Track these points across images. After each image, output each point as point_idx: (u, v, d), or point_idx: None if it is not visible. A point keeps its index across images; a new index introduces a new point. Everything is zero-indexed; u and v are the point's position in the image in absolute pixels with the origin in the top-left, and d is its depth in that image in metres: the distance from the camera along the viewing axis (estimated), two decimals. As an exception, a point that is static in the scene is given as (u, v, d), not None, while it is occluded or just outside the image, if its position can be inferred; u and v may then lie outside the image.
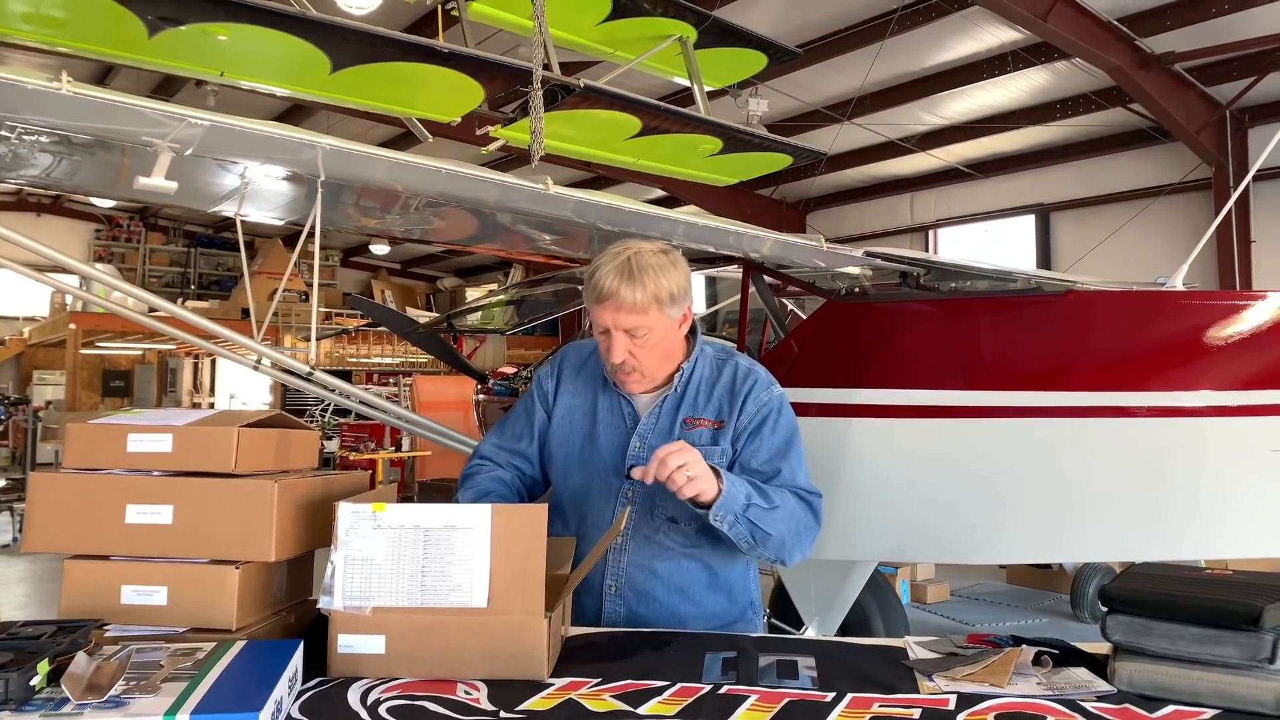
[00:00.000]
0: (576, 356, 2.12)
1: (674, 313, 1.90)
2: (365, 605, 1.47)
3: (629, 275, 1.83)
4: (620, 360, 1.88)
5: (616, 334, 1.86)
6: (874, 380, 3.02)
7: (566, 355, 2.13)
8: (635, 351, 1.88)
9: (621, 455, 1.96)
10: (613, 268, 1.84)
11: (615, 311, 1.84)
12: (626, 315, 1.84)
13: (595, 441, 1.99)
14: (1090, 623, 6.48)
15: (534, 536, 1.49)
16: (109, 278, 3.27)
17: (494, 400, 5.46)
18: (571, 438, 2.02)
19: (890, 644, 1.71)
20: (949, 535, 3.01)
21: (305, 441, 1.73)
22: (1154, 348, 2.87)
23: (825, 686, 1.45)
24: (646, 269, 1.84)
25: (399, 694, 1.40)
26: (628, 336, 1.87)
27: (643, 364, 1.90)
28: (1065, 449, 2.88)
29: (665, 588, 1.92)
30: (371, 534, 1.49)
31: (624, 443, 1.96)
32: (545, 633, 1.47)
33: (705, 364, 2.02)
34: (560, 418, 2.04)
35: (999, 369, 2.95)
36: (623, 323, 1.85)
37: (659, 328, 1.88)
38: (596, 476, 1.97)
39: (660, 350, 1.92)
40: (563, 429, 2.03)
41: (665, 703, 1.37)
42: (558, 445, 2.03)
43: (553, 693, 1.41)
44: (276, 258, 18.81)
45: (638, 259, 1.85)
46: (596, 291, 1.86)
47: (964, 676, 1.47)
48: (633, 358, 1.89)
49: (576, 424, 2.02)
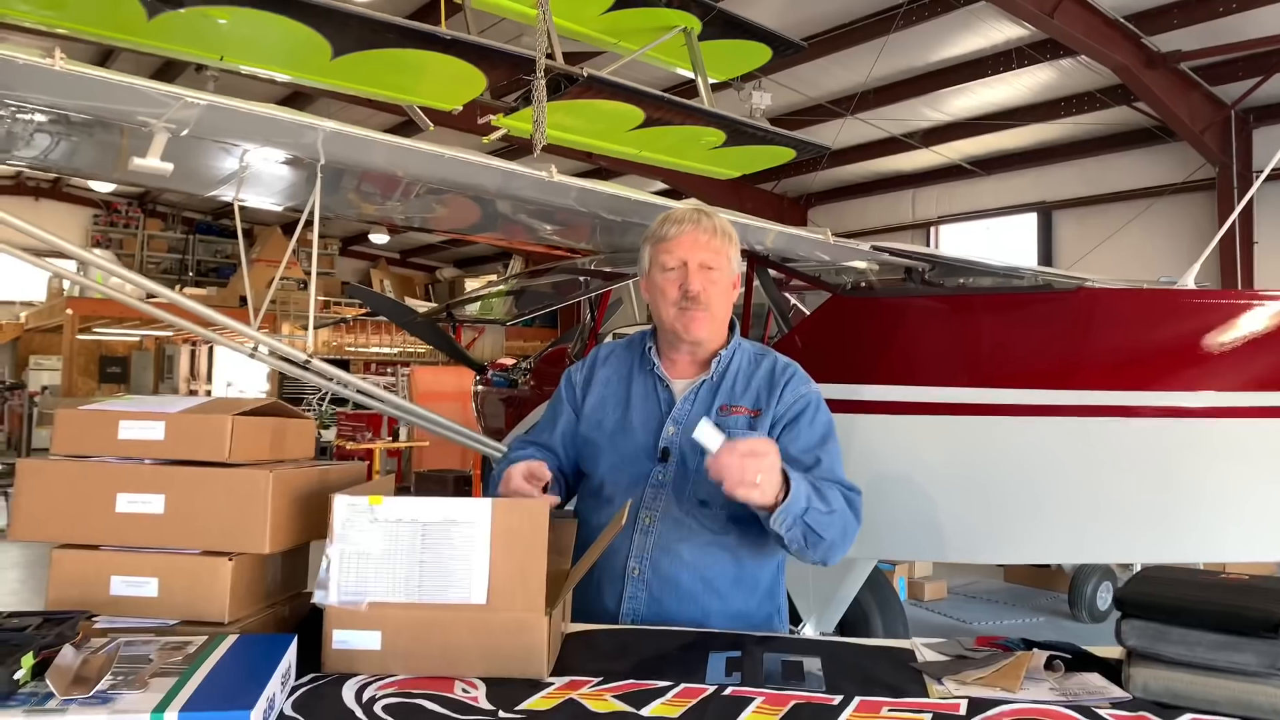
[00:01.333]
0: (609, 349, 2.14)
1: (736, 267, 1.97)
2: (361, 600, 1.43)
3: (705, 216, 1.92)
4: (699, 289, 1.89)
5: (693, 265, 1.89)
6: (879, 376, 2.99)
7: (600, 349, 2.15)
8: (708, 287, 1.91)
9: (655, 439, 1.94)
10: (684, 213, 1.93)
11: (692, 246, 1.90)
12: (704, 249, 1.90)
13: (628, 425, 1.98)
14: (1088, 622, 6.47)
15: (535, 532, 1.45)
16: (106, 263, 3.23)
17: (492, 391, 5.42)
18: (604, 422, 2.01)
19: (897, 645, 1.67)
20: (954, 534, 2.97)
21: (301, 431, 1.69)
22: (1165, 347, 2.83)
23: (832, 689, 1.42)
24: (718, 220, 1.94)
25: (395, 691, 1.36)
26: (702, 271, 1.90)
27: (713, 302, 1.92)
28: (1073, 448, 2.84)
29: (690, 574, 1.88)
30: (368, 527, 1.45)
31: (658, 427, 1.95)
32: (546, 631, 1.43)
33: (743, 355, 2.02)
34: (593, 404, 2.04)
35: (1007, 366, 2.91)
36: (699, 255, 1.90)
37: (725, 276, 1.94)
38: (627, 460, 1.95)
39: (725, 300, 1.96)
40: (595, 414, 2.03)
41: (669, 704, 1.34)
42: (590, 429, 2.02)
43: (553, 692, 1.38)
44: (275, 246, 18.74)
45: (708, 209, 1.95)
46: (670, 231, 1.92)
47: (974, 681, 1.44)
48: (706, 292, 1.90)
49: (610, 408, 2.02)
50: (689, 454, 1.90)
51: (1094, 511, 2.88)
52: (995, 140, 11.16)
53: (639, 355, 2.05)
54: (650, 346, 2.04)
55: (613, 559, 1.89)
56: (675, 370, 2.01)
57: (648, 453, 1.94)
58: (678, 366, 2.01)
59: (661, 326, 2.00)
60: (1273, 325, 2.74)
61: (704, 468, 1.85)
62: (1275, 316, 2.75)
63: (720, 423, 1.89)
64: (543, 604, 1.44)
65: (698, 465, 1.87)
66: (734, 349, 2.01)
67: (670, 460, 1.91)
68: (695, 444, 1.85)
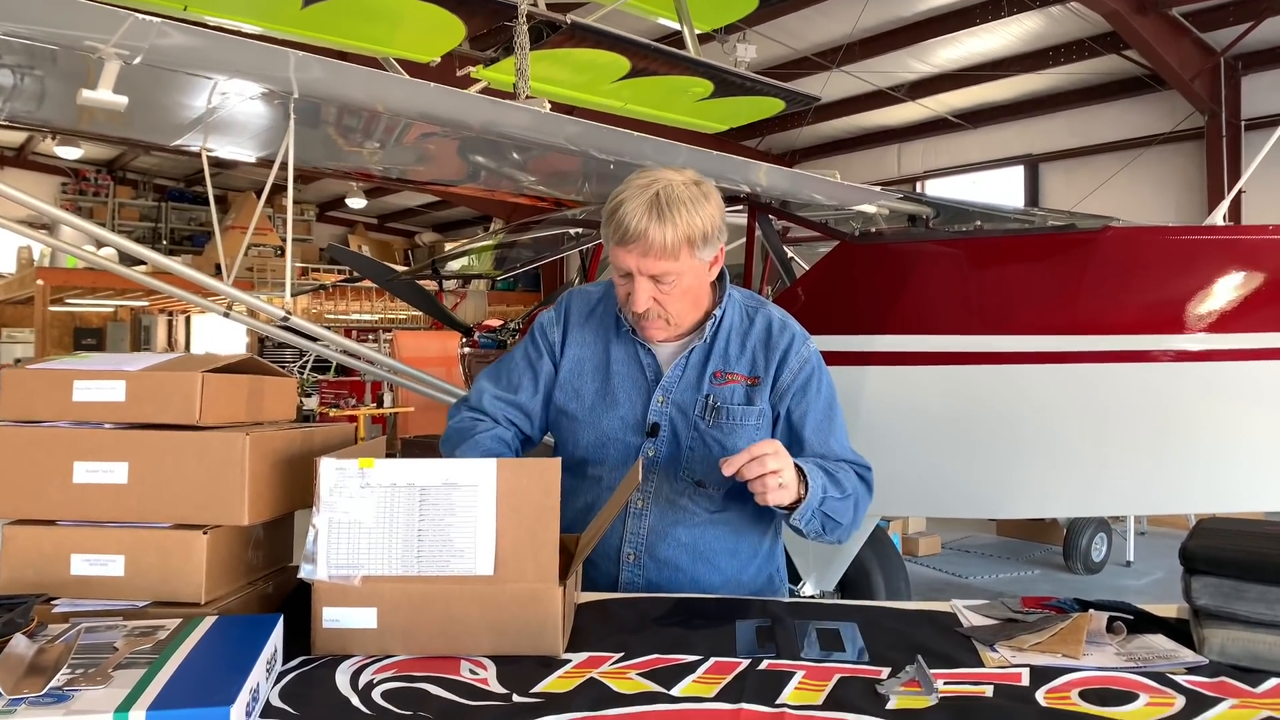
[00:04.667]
0: (583, 302, 1.87)
1: (706, 254, 1.67)
2: (353, 574, 1.29)
3: (658, 213, 1.59)
4: (643, 309, 1.66)
5: (641, 280, 1.64)
6: (890, 326, 2.85)
7: (572, 301, 1.88)
8: (661, 299, 1.67)
9: (642, 412, 1.75)
10: (640, 204, 1.60)
11: (642, 256, 1.61)
12: (655, 260, 1.61)
13: (610, 397, 1.77)
14: (1082, 574, 6.45)
15: (546, 494, 1.31)
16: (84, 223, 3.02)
17: (480, 353, 5.25)
18: (582, 393, 1.79)
19: (936, 608, 1.54)
20: (967, 488, 2.86)
21: (281, 390, 1.53)
22: (1198, 288, 2.69)
23: (877, 659, 1.29)
24: (678, 204, 1.60)
25: (395, 674, 1.22)
26: (653, 283, 1.64)
27: (670, 312, 1.69)
28: (1097, 397, 2.72)
29: (689, 556, 1.74)
30: (359, 493, 1.30)
31: (644, 399, 1.75)
32: (560, 603, 1.29)
33: (735, 311, 1.80)
34: (568, 371, 1.81)
35: (1027, 312, 2.77)
36: (649, 268, 1.62)
37: (689, 273, 1.66)
38: (613, 436, 1.76)
39: (690, 297, 1.71)
40: (571, 383, 1.81)
41: (701, 681, 1.20)
42: (567, 399, 1.80)
43: (571, 670, 1.24)
44: (250, 211, 18.32)
45: (668, 193, 1.60)
46: (620, 231, 1.61)
47: (1032, 647, 1.31)
48: (658, 305, 1.67)
49: (587, 377, 1.80)
50: (681, 428, 1.73)
51: (1108, 461, 2.76)
52: (982, 92, 11.00)
53: (614, 316, 1.81)
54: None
55: (605, 542, 1.73)
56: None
57: (634, 428, 1.74)
58: None
59: None
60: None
61: (696, 444, 1.71)
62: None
63: (714, 393, 1.73)
64: (556, 574, 1.30)
65: (691, 441, 1.72)
66: (725, 303, 1.77)
67: (660, 435, 1.73)
68: (688, 417, 1.71)
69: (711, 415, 1.72)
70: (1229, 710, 1.11)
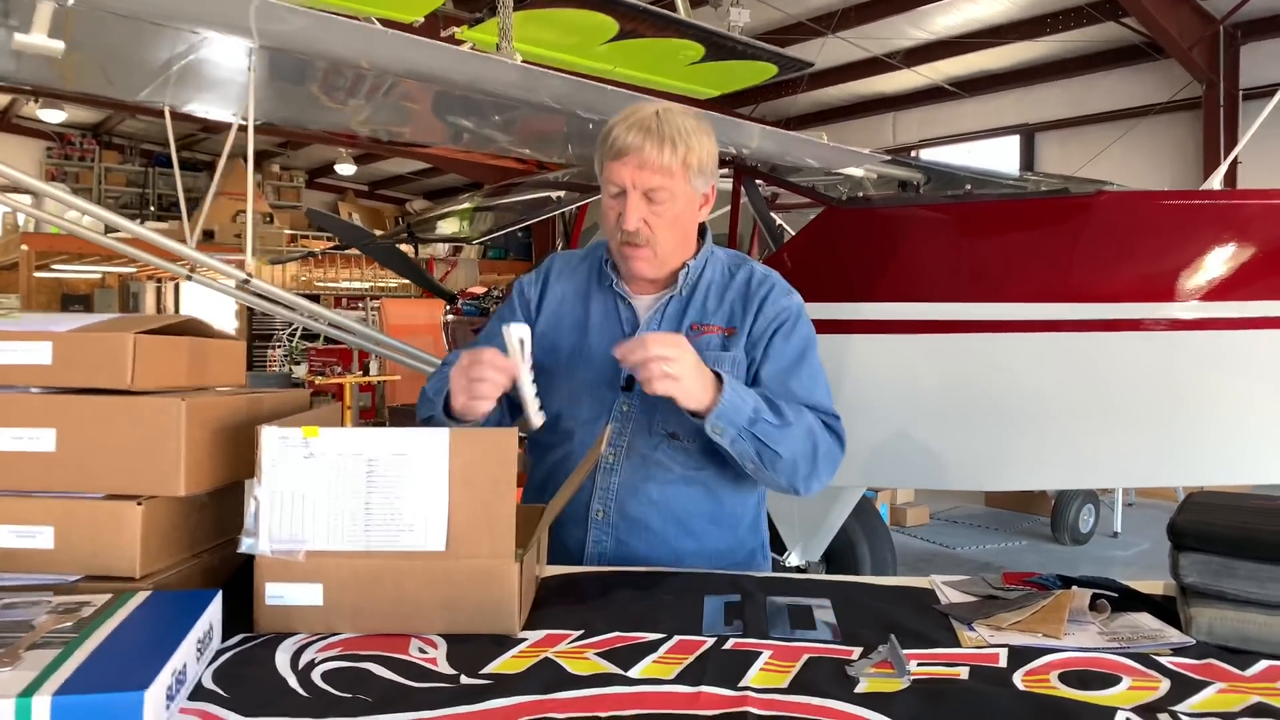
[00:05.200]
0: (564, 261, 1.87)
1: (699, 185, 1.67)
2: (297, 549, 1.22)
3: (656, 130, 1.60)
4: (634, 228, 1.62)
5: (633, 195, 1.62)
6: (877, 294, 2.77)
7: (554, 261, 1.87)
8: (652, 221, 1.64)
9: (617, 366, 1.68)
10: (639, 119, 1.61)
11: (637, 168, 1.60)
12: (650, 173, 1.60)
13: (586, 350, 1.74)
14: (1069, 545, 6.45)
15: (501, 465, 1.24)
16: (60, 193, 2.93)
17: (463, 321, 5.17)
18: (558, 346, 1.76)
19: (914, 584, 1.48)
20: (956, 460, 2.80)
21: (227, 354, 1.45)
22: (1196, 255, 2.62)
23: (849, 638, 1.23)
24: (676, 127, 1.61)
25: (340, 654, 1.15)
26: (646, 201, 1.62)
27: (658, 237, 1.65)
28: (1089, 366, 2.65)
29: (661, 516, 1.68)
30: (302, 464, 1.22)
31: None
32: (516, 580, 1.23)
33: (716, 267, 1.78)
34: (546, 325, 1.78)
35: (1018, 279, 2.70)
36: (644, 181, 1.61)
37: (681, 197, 1.65)
38: (587, 390, 1.72)
39: (679, 228, 1.68)
40: (549, 337, 1.77)
41: (661, 661, 1.14)
42: (544, 354, 1.75)
43: (526, 650, 1.18)
44: (237, 178, 18.04)
45: (666, 115, 1.62)
46: (615, 145, 1.61)
47: (1011, 625, 1.25)
48: (648, 228, 1.64)
49: (565, 331, 1.77)
50: None
51: (1101, 433, 2.71)
52: (978, 60, 10.85)
53: (596, 270, 1.80)
54: (608, 260, 1.79)
55: (575, 499, 1.68)
56: (638, 286, 1.77)
57: (609, 381, 1.70)
58: (640, 283, 1.77)
59: (611, 252, 1.76)
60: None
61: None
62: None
63: (692, 344, 1.68)
64: (512, 549, 1.23)
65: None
66: (705, 258, 1.76)
67: (635, 389, 1.67)
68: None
69: None
70: (1216, 694, 1.05)
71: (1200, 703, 1.03)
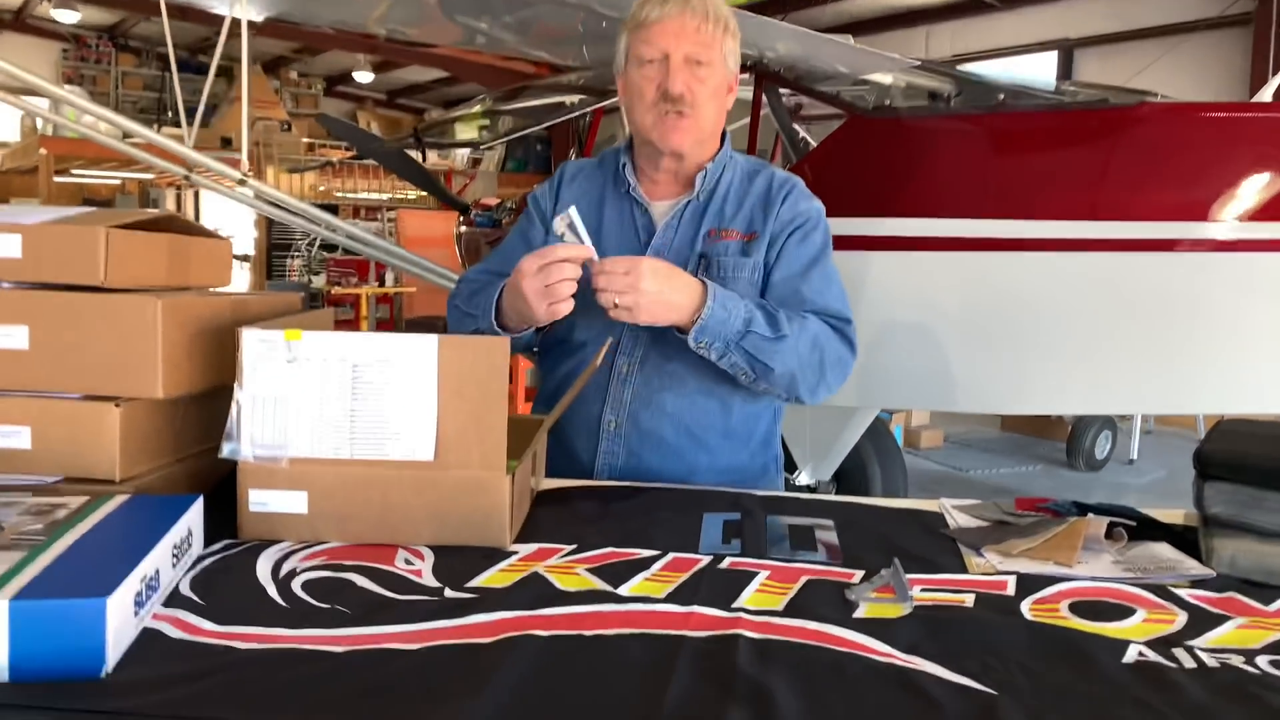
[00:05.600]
0: (578, 167, 1.80)
1: (732, 65, 1.62)
2: (280, 455, 1.18)
3: (691, 2, 1.55)
4: (680, 90, 1.54)
5: (675, 59, 1.54)
6: (901, 209, 2.66)
7: (565, 167, 1.81)
8: (695, 88, 1.56)
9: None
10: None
11: (677, 35, 1.54)
12: (691, 39, 1.54)
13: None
14: (1084, 471, 6.40)
15: (493, 374, 1.18)
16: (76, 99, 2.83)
17: (476, 232, 5.07)
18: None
19: (922, 507, 1.43)
20: (976, 383, 2.72)
21: (211, 253, 1.39)
22: (1242, 172, 2.47)
23: (851, 561, 1.18)
24: (711, 2, 1.57)
25: (323, 563, 1.12)
26: (687, 66, 1.55)
27: (700, 107, 1.57)
28: (1119, 288, 2.54)
29: (675, 429, 1.63)
30: (285, 368, 1.17)
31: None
32: (507, 492, 1.18)
33: (735, 172, 1.70)
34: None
35: (1050, 195, 2.57)
36: (684, 46, 1.54)
37: (717, 74, 1.58)
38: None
39: (717, 102, 1.60)
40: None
41: (653, 579, 1.10)
42: None
43: (515, 564, 1.14)
44: (256, 85, 17.85)
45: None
46: (650, 14, 1.56)
47: (1021, 552, 1.20)
48: (691, 94, 1.55)
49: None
50: None
51: (1129, 358, 2.61)
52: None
53: (612, 174, 1.73)
54: (625, 163, 1.70)
55: (585, 409, 1.63)
56: (655, 190, 1.70)
57: None
58: (658, 186, 1.69)
59: (638, 136, 1.66)
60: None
61: None
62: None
63: (708, 250, 1.62)
64: (504, 460, 1.18)
65: None
66: (724, 163, 1.69)
67: None
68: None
69: (704, 273, 1.60)
70: (1236, 630, 1.00)
71: (1218, 638, 0.98)
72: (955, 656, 0.91)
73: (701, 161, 1.65)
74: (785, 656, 0.91)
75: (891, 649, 0.93)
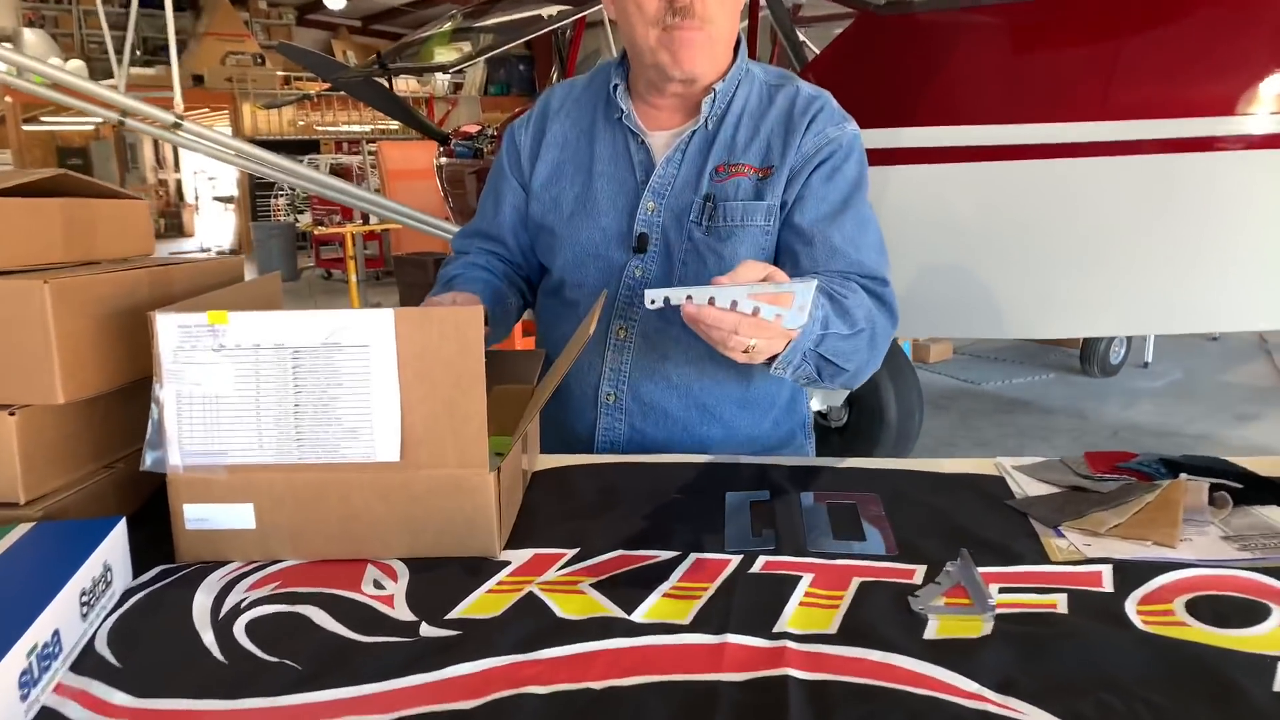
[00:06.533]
0: (565, 91, 1.51)
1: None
2: (217, 462, 0.97)
3: None
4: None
5: None
6: (919, 117, 2.40)
7: (551, 95, 1.51)
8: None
9: (628, 220, 1.39)
10: None
11: None
12: None
13: (591, 203, 1.41)
14: (1099, 377, 6.24)
15: (465, 353, 0.97)
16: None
17: (457, 163, 4.78)
18: (560, 201, 1.43)
19: (978, 470, 1.23)
20: (1002, 307, 2.50)
21: (123, 217, 1.16)
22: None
23: (907, 551, 0.99)
24: None
25: (274, 591, 0.93)
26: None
27: (713, 13, 1.28)
28: (1162, 194, 2.30)
29: (682, 401, 1.41)
30: (212, 358, 0.96)
31: (631, 203, 1.39)
32: (492, 492, 0.98)
33: (751, 90, 1.40)
34: (546, 177, 1.45)
35: (1084, 92, 2.31)
36: None
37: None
38: (593, 252, 1.41)
39: (728, 10, 1.31)
40: (549, 190, 1.45)
41: (673, 595, 0.90)
42: (544, 212, 1.45)
43: (506, 580, 0.95)
44: (225, 17, 17.22)
45: None
46: None
47: (1110, 531, 1.01)
48: (703, 5, 1.27)
49: (567, 181, 1.44)
50: (675, 239, 1.36)
51: (1171, 273, 2.39)
52: None
53: (604, 99, 1.44)
54: (616, 85, 1.41)
55: (582, 379, 1.42)
56: (655, 118, 1.41)
57: (619, 240, 1.39)
58: (660, 114, 1.41)
59: (638, 59, 1.36)
60: None
61: (691, 258, 1.36)
62: None
63: (716, 189, 1.34)
64: (485, 454, 0.98)
65: (684, 255, 1.36)
66: (737, 79, 1.39)
67: (650, 249, 1.37)
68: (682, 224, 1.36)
69: (709, 219, 1.35)
70: (1397, 629, 0.81)
71: (1379, 643, 0.79)
72: (1061, 694, 0.72)
73: (711, 81, 1.37)
74: (848, 707, 0.72)
75: (979, 686, 0.74)
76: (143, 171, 19.41)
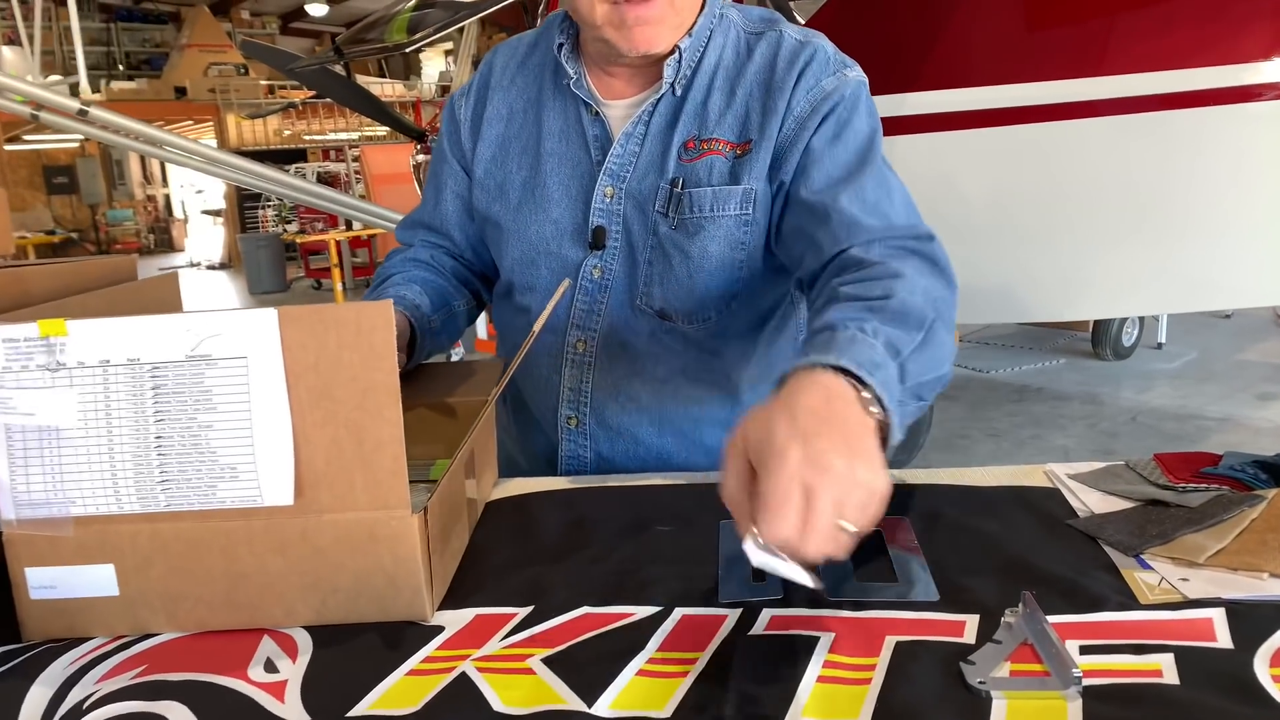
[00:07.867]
0: (508, 54, 1.25)
1: None
2: (62, 514, 0.76)
3: None
4: None
5: None
6: (928, 80, 2.18)
7: (494, 58, 1.26)
8: None
9: (583, 209, 1.15)
10: None
11: None
12: None
13: (540, 189, 1.17)
14: (1111, 360, 6.04)
15: (375, 360, 0.75)
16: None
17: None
18: (507, 188, 1.19)
19: (1027, 481, 1.01)
20: (1023, 289, 2.28)
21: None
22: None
23: (951, 596, 0.77)
24: None
25: (134, 680, 0.71)
26: None
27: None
28: (1196, 153, 2.08)
29: (655, 425, 1.19)
30: (48, 380, 0.75)
31: (585, 189, 1.15)
32: (417, 540, 0.77)
33: (727, 39, 1.14)
34: (490, 158, 1.21)
35: (1109, 43, 2.09)
36: None
37: None
38: (544, 249, 1.18)
39: None
40: (494, 175, 1.20)
41: (650, 672, 0.69)
42: (488, 201, 1.21)
43: (433, 657, 0.73)
44: (206, 28, 17.04)
45: None
46: None
47: (1211, 560, 0.79)
48: None
49: (513, 162, 1.19)
50: (638, 233, 1.12)
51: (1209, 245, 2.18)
52: None
53: (552, 64, 1.20)
54: (560, 44, 1.17)
55: (539, 400, 1.21)
56: (610, 87, 1.17)
57: (573, 234, 1.16)
58: (616, 81, 1.17)
59: (584, 26, 1.12)
60: None
61: (655, 255, 1.13)
62: None
63: (685, 171, 1.10)
64: (405, 493, 0.76)
65: (649, 253, 1.12)
66: (708, 31, 1.13)
67: (609, 244, 1.15)
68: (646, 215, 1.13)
69: (675, 209, 1.11)
70: None
71: None
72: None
73: (679, 35, 1.12)
74: None
75: (1077, 808, 0.52)
76: (130, 187, 19.23)
